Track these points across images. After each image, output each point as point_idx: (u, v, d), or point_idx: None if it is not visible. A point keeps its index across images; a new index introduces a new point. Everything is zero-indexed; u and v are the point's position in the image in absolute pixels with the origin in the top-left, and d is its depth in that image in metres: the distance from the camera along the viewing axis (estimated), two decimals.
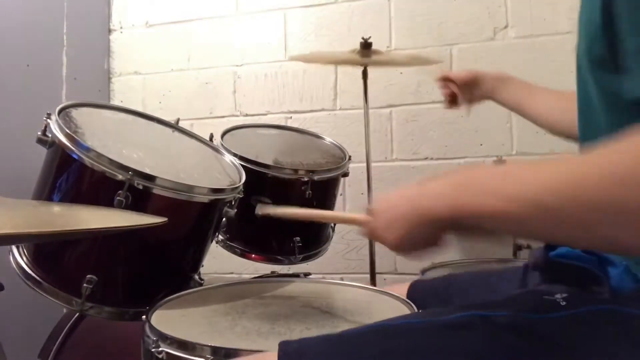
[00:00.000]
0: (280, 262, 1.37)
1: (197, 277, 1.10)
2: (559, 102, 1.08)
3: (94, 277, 0.93)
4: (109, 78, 2.20)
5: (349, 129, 1.92)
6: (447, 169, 1.80)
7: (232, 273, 1.94)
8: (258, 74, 2.04)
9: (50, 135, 0.97)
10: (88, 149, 0.93)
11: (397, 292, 0.95)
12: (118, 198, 0.91)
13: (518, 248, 1.51)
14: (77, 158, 0.94)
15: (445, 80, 1.25)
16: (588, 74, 0.66)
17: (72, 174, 0.97)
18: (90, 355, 1.22)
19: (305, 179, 1.29)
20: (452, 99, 1.25)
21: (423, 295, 0.94)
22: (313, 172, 1.31)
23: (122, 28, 2.21)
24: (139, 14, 2.18)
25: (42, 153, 1.01)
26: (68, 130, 0.95)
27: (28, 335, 1.34)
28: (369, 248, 1.54)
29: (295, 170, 1.30)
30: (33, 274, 0.96)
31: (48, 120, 0.98)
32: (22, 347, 1.24)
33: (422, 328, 0.61)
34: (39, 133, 0.98)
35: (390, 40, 1.91)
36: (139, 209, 0.93)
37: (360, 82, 1.56)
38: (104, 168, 0.92)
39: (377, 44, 1.52)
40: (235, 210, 1.08)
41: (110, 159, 0.92)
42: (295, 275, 1.32)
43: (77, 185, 0.97)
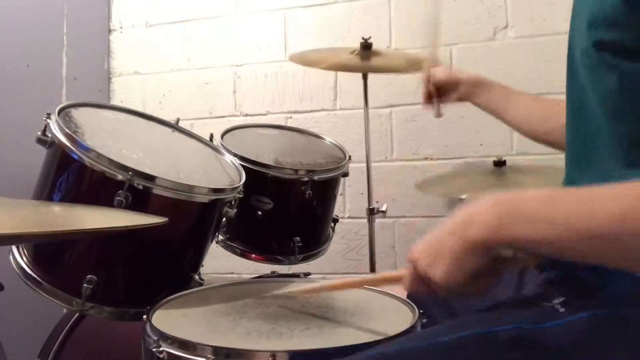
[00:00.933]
0: (280, 262, 1.37)
1: (197, 277, 1.10)
2: (539, 108, 1.09)
3: (94, 277, 0.93)
4: (109, 78, 2.20)
5: (349, 129, 1.92)
6: (447, 169, 1.81)
7: (232, 273, 1.94)
8: (258, 74, 2.04)
9: (50, 135, 0.97)
10: (88, 149, 0.93)
11: (397, 292, 0.95)
12: (118, 198, 0.91)
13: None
14: (77, 158, 0.94)
15: (427, 80, 1.23)
16: (586, 71, 0.65)
17: (72, 174, 0.97)
18: (90, 355, 1.22)
19: (305, 179, 1.29)
20: (428, 98, 1.23)
21: (422, 297, 0.94)
22: (313, 172, 1.31)
23: (122, 28, 2.21)
24: (139, 14, 2.18)
25: (42, 153, 1.01)
26: (68, 130, 0.95)
27: (28, 335, 1.35)
28: (369, 248, 1.54)
29: (295, 170, 1.30)
30: (33, 274, 0.96)
31: (48, 120, 0.98)
32: (22, 347, 1.24)
33: (426, 351, 0.61)
34: (39, 133, 0.98)
35: (390, 40, 1.91)
36: (139, 209, 0.93)
37: (360, 82, 1.56)
38: (104, 168, 0.92)
39: (377, 44, 1.52)
40: (235, 210, 1.08)
41: (110, 159, 0.92)
42: (295, 275, 1.32)
43: (77, 185, 0.97)
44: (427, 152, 1.86)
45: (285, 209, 1.34)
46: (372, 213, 1.52)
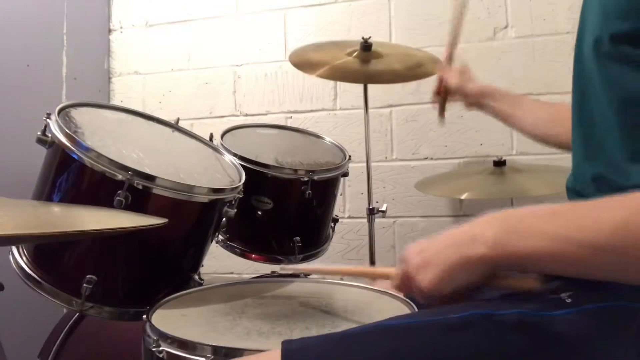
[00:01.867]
0: (280, 262, 1.37)
1: (197, 277, 1.10)
2: (547, 112, 1.10)
3: (94, 277, 0.93)
4: (109, 78, 2.20)
5: (349, 129, 1.92)
6: (447, 169, 1.81)
7: (232, 273, 1.94)
8: (258, 74, 2.04)
9: (50, 135, 0.97)
10: (88, 149, 0.93)
11: (397, 292, 0.95)
12: (118, 198, 0.91)
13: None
14: (77, 158, 0.94)
15: (441, 79, 1.25)
16: (596, 61, 0.65)
17: (72, 174, 0.96)
18: (90, 355, 1.22)
19: (305, 179, 1.29)
20: (436, 97, 1.27)
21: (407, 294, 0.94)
22: (313, 172, 1.31)
23: (122, 28, 2.21)
24: (139, 14, 2.18)
25: (42, 153, 1.01)
26: (68, 130, 0.95)
27: (28, 335, 1.35)
28: (369, 248, 1.54)
29: (295, 170, 1.30)
30: (33, 274, 0.96)
31: (48, 120, 0.98)
32: (22, 347, 1.24)
33: (425, 328, 0.61)
34: (39, 133, 0.98)
35: (390, 41, 1.91)
36: (139, 209, 0.93)
37: (360, 83, 1.56)
38: (104, 168, 0.92)
39: (377, 44, 1.52)
40: (235, 210, 1.08)
41: (110, 159, 0.92)
42: (295, 275, 1.32)
43: (77, 186, 0.97)
44: (427, 152, 1.86)
45: (285, 209, 1.34)
46: (372, 213, 1.52)
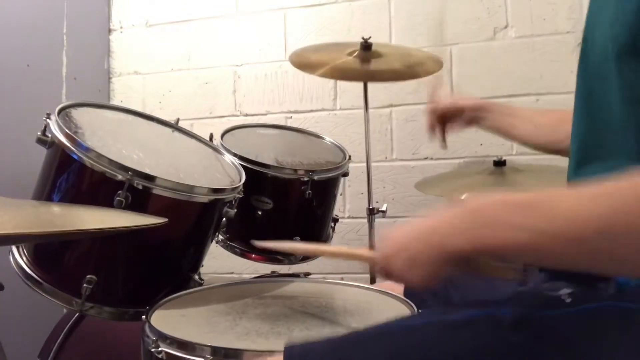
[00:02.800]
0: (280, 262, 1.37)
1: (197, 277, 1.10)
2: (546, 120, 1.09)
3: (94, 277, 0.93)
4: (109, 78, 2.20)
5: (349, 129, 1.92)
6: (447, 169, 1.81)
7: (232, 273, 1.94)
8: (258, 74, 2.04)
9: (50, 135, 0.97)
10: (88, 149, 0.93)
11: (396, 291, 0.95)
12: (118, 198, 0.91)
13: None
14: (77, 158, 0.94)
15: (432, 112, 1.20)
16: (610, 59, 0.64)
17: (72, 174, 0.97)
18: (90, 355, 1.22)
19: (305, 179, 1.29)
20: (432, 128, 1.23)
21: (421, 295, 0.94)
22: (313, 172, 1.31)
23: (122, 28, 2.21)
24: (139, 14, 2.18)
25: (42, 153, 1.01)
26: (68, 131, 0.95)
27: (28, 335, 1.34)
28: (369, 248, 1.54)
29: (295, 170, 1.30)
30: (33, 274, 0.96)
31: (48, 120, 0.98)
32: (22, 347, 1.24)
33: (426, 328, 0.61)
34: (39, 133, 0.98)
35: (390, 41, 1.90)
36: (139, 209, 0.93)
37: (360, 81, 1.55)
38: (104, 168, 0.92)
39: (377, 44, 1.52)
40: (235, 210, 1.08)
41: (110, 159, 0.92)
42: (295, 275, 1.32)
43: (77, 186, 0.97)
44: (427, 152, 1.86)
45: (285, 209, 1.34)
46: (372, 213, 1.52)
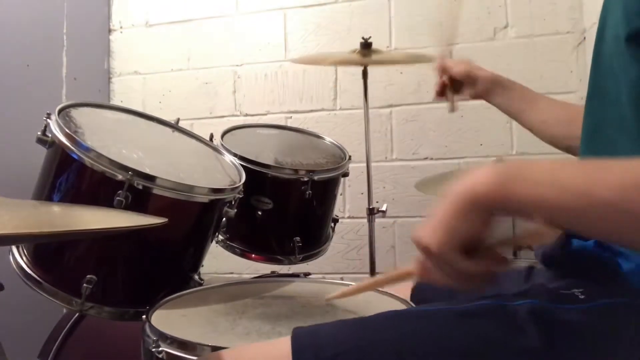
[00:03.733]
0: (280, 262, 1.37)
1: (197, 277, 1.10)
2: (563, 112, 1.04)
3: (94, 277, 0.93)
4: (109, 78, 2.20)
5: (349, 129, 1.92)
6: (447, 169, 1.81)
7: (232, 273, 1.94)
8: (258, 74, 2.04)
9: (50, 135, 0.97)
10: (88, 149, 0.93)
11: (401, 293, 0.94)
12: (118, 198, 0.91)
13: (518, 248, 1.51)
14: (77, 158, 0.94)
15: (442, 70, 1.16)
16: (619, 57, 0.64)
17: (72, 174, 0.96)
18: (90, 355, 1.22)
19: (305, 179, 1.29)
20: (441, 91, 1.17)
21: (427, 296, 0.93)
22: (313, 172, 1.31)
23: (122, 28, 2.21)
24: (139, 14, 2.18)
25: (42, 153, 1.01)
26: (68, 130, 0.95)
27: (28, 335, 1.34)
28: (369, 248, 1.54)
29: (295, 170, 1.30)
30: (33, 274, 0.96)
31: (48, 120, 0.98)
32: (22, 347, 1.24)
33: (437, 314, 0.61)
34: (39, 133, 0.98)
35: (390, 40, 1.91)
36: (139, 209, 0.93)
37: (360, 82, 1.56)
38: (104, 168, 0.92)
39: (377, 44, 1.52)
40: (235, 210, 1.08)
41: (110, 159, 0.92)
42: (295, 275, 1.32)
43: (77, 185, 0.97)
44: (427, 152, 1.86)
45: (285, 209, 1.34)
46: (372, 213, 1.52)
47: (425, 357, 0.58)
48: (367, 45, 1.49)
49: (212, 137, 1.36)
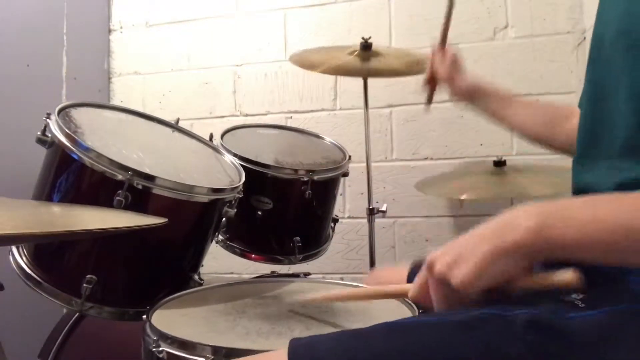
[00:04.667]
0: (280, 262, 1.37)
1: (197, 277, 1.10)
2: (541, 113, 1.07)
3: (94, 277, 0.93)
4: (109, 78, 2.20)
5: (349, 129, 1.92)
6: (447, 169, 1.81)
7: (232, 273, 1.94)
8: (258, 74, 2.04)
9: (50, 135, 0.97)
10: (88, 149, 0.93)
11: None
12: (118, 198, 0.91)
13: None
14: (76, 158, 0.94)
15: (431, 63, 1.22)
16: (621, 61, 0.64)
17: (71, 174, 0.96)
18: (90, 356, 1.22)
19: (305, 179, 1.29)
20: (428, 81, 1.24)
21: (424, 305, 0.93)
22: (313, 172, 1.31)
23: (122, 28, 2.21)
24: (139, 14, 2.18)
25: (42, 153, 1.01)
26: (68, 130, 0.95)
27: (28, 335, 1.34)
28: (369, 248, 1.54)
29: (295, 170, 1.30)
30: (33, 274, 0.96)
31: (48, 120, 0.98)
32: (22, 347, 1.24)
33: (436, 325, 0.60)
34: (39, 133, 0.98)
35: (390, 40, 1.91)
36: (139, 209, 0.93)
37: (361, 82, 1.56)
38: (104, 168, 0.92)
39: (377, 44, 1.52)
40: (235, 210, 1.08)
41: (110, 159, 0.92)
42: (295, 275, 1.32)
43: (76, 185, 0.97)
44: (427, 152, 1.86)
45: (285, 209, 1.34)
46: (372, 213, 1.52)
47: None
48: (367, 46, 1.49)
49: (212, 137, 1.36)
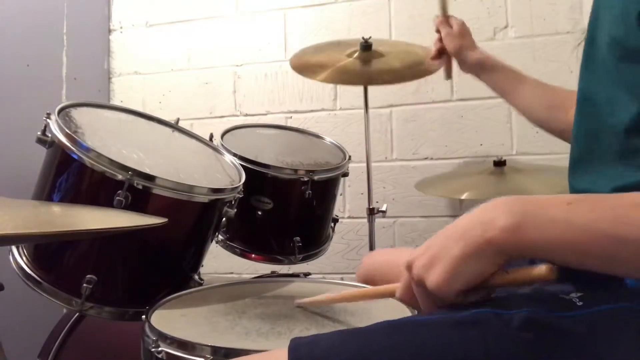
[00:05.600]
0: (280, 262, 1.37)
1: (197, 277, 1.10)
2: (547, 96, 1.07)
3: (94, 277, 0.93)
4: (109, 78, 2.20)
5: (349, 129, 1.92)
6: (447, 169, 1.81)
7: (232, 273, 1.94)
8: (258, 74, 2.04)
9: (50, 135, 0.97)
10: (88, 149, 0.93)
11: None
12: (118, 198, 0.91)
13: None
14: (77, 158, 0.94)
15: (439, 36, 1.22)
16: (613, 67, 0.64)
17: (72, 174, 0.96)
18: (90, 355, 1.22)
19: (305, 179, 1.29)
20: (437, 55, 1.23)
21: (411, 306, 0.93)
22: (313, 172, 1.31)
23: (122, 28, 2.21)
24: (139, 14, 2.18)
25: (42, 153, 1.01)
26: (68, 130, 0.95)
27: (28, 335, 1.34)
28: (369, 248, 1.54)
29: (295, 170, 1.30)
30: (33, 274, 0.96)
31: (48, 120, 0.98)
32: (22, 347, 1.24)
33: (434, 323, 0.60)
34: (39, 133, 0.98)
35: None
36: (139, 209, 0.93)
37: (361, 85, 1.56)
38: (104, 168, 0.92)
39: (377, 43, 1.52)
40: (235, 210, 1.08)
41: (110, 159, 0.92)
42: (295, 275, 1.32)
43: (76, 185, 0.97)
44: (427, 152, 1.86)
45: (285, 209, 1.34)
46: (372, 213, 1.52)
47: None
48: (367, 46, 1.50)
49: (212, 137, 1.36)
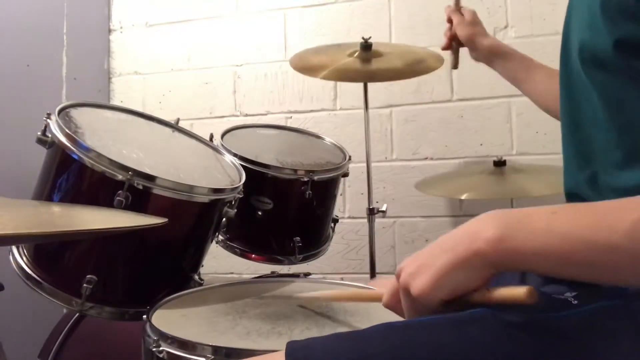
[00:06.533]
0: (280, 262, 1.37)
1: (197, 277, 1.10)
2: (557, 85, 1.07)
3: (94, 277, 0.93)
4: (109, 78, 2.20)
5: (349, 129, 1.92)
6: (447, 169, 1.81)
7: (232, 273, 1.94)
8: (258, 74, 2.04)
9: (50, 135, 0.97)
10: (88, 149, 0.93)
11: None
12: (118, 198, 0.91)
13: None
14: (77, 158, 0.94)
15: (450, 25, 1.21)
16: (589, 71, 0.65)
17: (72, 174, 0.97)
18: (90, 355, 1.22)
19: (305, 179, 1.29)
20: (449, 44, 1.22)
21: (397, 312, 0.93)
22: (313, 172, 1.31)
23: (122, 28, 2.21)
24: (139, 14, 2.18)
25: (42, 153, 1.01)
26: (68, 130, 0.95)
27: (28, 335, 1.35)
28: (369, 248, 1.54)
29: (295, 170, 1.30)
30: (33, 274, 0.96)
31: (48, 120, 0.98)
32: (22, 347, 1.24)
33: (431, 324, 0.61)
34: (39, 133, 0.98)
35: (390, 41, 1.90)
36: (139, 209, 0.93)
37: (361, 82, 1.56)
38: (104, 168, 0.92)
39: (377, 43, 1.52)
40: (235, 210, 1.08)
41: (110, 159, 0.92)
42: (295, 275, 1.32)
43: (77, 186, 0.97)
44: (427, 152, 1.86)
45: (285, 209, 1.34)
46: (372, 213, 1.52)
47: None
48: (367, 46, 1.50)
49: (212, 137, 1.36)
